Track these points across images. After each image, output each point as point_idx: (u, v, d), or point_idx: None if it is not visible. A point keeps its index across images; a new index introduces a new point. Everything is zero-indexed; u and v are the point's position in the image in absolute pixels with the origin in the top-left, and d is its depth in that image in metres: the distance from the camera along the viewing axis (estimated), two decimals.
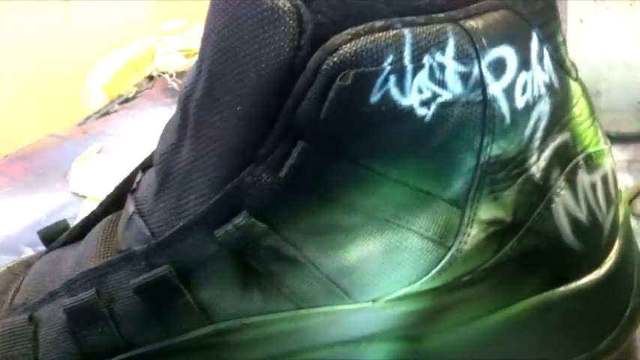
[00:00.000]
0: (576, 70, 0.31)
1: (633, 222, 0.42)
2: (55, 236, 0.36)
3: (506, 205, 0.29)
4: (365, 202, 0.27)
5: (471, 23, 0.27)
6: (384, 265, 0.28)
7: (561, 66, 0.30)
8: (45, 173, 0.62)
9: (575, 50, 0.54)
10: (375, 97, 0.25)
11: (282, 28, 0.25)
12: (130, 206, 0.30)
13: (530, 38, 0.28)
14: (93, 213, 0.35)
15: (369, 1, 0.26)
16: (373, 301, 0.29)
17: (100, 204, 0.35)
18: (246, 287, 0.28)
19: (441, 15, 0.27)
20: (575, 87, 0.31)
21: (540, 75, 0.29)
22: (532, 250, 0.30)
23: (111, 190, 0.35)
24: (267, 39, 0.25)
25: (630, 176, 0.51)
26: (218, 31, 0.26)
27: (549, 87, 0.29)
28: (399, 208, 0.28)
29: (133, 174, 0.33)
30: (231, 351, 0.29)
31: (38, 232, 0.36)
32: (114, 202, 0.34)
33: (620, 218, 0.33)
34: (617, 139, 0.53)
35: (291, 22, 0.25)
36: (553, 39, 0.30)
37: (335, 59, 0.24)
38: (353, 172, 0.26)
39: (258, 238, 0.27)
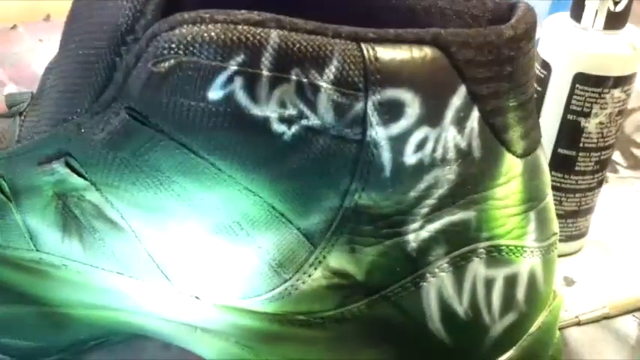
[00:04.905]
0: (533, 145, 0.26)
1: None
2: (16, 104, 0.36)
3: (361, 262, 0.25)
4: (204, 197, 0.24)
5: (376, 50, 0.23)
6: (212, 268, 0.26)
7: (498, 135, 0.25)
8: None
9: None
10: (215, 94, 0.22)
11: None
12: (23, 104, 0.29)
13: (453, 92, 0.23)
14: None
15: None
16: (197, 297, 0.27)
17: None
18: (65, 231, 0.27)
19: (344, 28, 0.23)
20: (511, 164, 0.25)
21: (454, 137, 0.24)
22: (383, 321, 0.26)
23: None
24: None
25: None
26: None
27: (464, 154, 0.24)
28: (244, 218, 0.25)
29: None
30: (54, 283, 0.28)
31: (5, 95, 0.37)
32: None
33: (531, 329, 0.28)
34: None
35: None
36: (496, 101, 0.24)
37: (165, 39, 0.21)
38: (188, 161, 0.24)
39: (81, 190, 0.25)
